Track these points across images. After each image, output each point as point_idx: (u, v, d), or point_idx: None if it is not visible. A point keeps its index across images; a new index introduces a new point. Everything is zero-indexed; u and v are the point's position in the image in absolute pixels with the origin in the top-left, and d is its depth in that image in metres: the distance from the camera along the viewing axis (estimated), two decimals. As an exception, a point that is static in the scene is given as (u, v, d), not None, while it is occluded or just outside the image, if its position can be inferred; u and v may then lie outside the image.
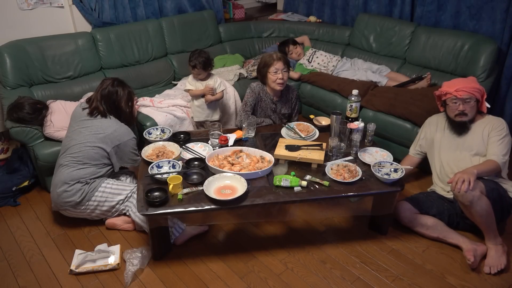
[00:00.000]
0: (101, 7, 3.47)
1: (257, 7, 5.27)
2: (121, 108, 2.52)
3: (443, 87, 2.47)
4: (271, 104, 2.84)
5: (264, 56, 2.78)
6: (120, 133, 2.46)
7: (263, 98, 2.81)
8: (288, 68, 2.75)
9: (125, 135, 2.48)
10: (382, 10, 3.85)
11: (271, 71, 2.69)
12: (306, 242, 2.46)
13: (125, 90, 2.54)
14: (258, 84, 2.82)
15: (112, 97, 2.49)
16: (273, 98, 2.83)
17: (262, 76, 2.78)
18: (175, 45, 3.82)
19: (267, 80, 2.75)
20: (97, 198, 2.39)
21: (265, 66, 2.72)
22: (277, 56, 2.70)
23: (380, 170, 2.31)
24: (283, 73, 2.69)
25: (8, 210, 2.76)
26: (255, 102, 2.80)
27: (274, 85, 2.72)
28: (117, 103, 2.50)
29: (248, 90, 2.82)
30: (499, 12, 3.12)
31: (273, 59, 2.68)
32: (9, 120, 2.72)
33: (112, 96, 2.48)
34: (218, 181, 2.20)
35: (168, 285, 2.18)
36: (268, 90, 2.81)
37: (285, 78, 2.72)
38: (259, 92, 2.79)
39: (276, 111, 2.88)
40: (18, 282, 2.20)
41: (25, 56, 3.05)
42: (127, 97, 2.54)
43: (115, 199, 2.42)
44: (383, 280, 2.19)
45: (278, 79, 2.69)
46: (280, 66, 2.68)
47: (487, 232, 2.27)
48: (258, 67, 2.79)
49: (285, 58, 2.73)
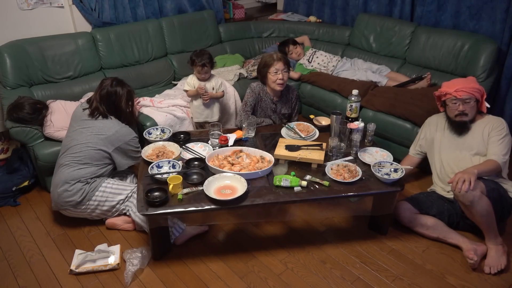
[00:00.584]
0: (101, 7, 3.47)
1: (257, 7, 5.27)
2: (121, 108, 2.52)
3: (443, 87, 2.47)
4: (271, 104, 2.84)
5: (264, 56, 2.78)
6: (122, 134, 2.46)
7: (263, 98, 2.81)
8: (288, 68, 2.75)
9: (126, 135, 2.48)
10: (382, 10, 3.85)
11: (271, 71, 2.69)
12: (306, 242, 2.45)
13: (124, 90, 2.54)
14: (258, 84, 2.82)
15: (111, 98, 2.49)
16: (273, 98, 2.83)
17: (262, 76, 2.79)
18: (175, 45, 3.82)
19: (267, 81, 2.75)
20: (97, 198, 2.39)
21: (265, 66, 2.72)
22: (277, 57, 2.70)
23: (380, 170, 2.31)
24: (283, 73, 2.69)
25: (8, 210, 2.76)
26: (255, 102, 2.80)
27: (274, 86, 2.72)
28: (116, 103, 2.50)
29: (248, 90, 2.82)
30: (499, 12, 3.12)
31: (273, 59, 2.69)
32: (9, 120, 2.72)
33: (111, 96, 2.48)
34: (218, 181, 2.20)
35: (168, 285, 2.18)
36: (268, 90, 2.81)
37: (285, 78, 2.73)
38: (259, 92, 2.79)
39: (276, 111, 2.88)
40: (18, 282, 2.20)
41: (25, 56, 3.05)
42: (127, 97, 2.54)
43: (115, 199, 2.42)
44: (383, 280, 2.19)
45: (278, 80, 2.69)
46: (281, 66, 2.68)
47: (487, 232, 2.26)
48: (258, 67, 2.80)
49: (285, 59, 2.73)
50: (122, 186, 2.46)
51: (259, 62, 2.81)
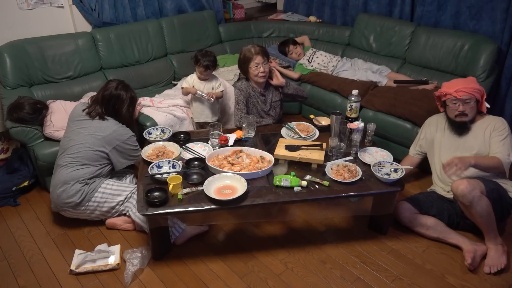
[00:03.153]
0: (101, 7, 3.47)
1: (257, 7, 5.27)
2: (120, 112, 2.51)
3: (443, 88, 2.46)
4: (260, 97, 2.85)
5: (243, 50, 2.78)
6: (119, 133, 2.45)
7: (251, 93, 2.82)
8: (268, 59, 2.76)
9: (124, 135, 2.47)
10: (382, 10, 3.85)
11: (252, 66, 2.71)
12: (306, 242, 2.45)
13: (128, 95, 2.52)
14: (242, 82, 2.84)
15: (112, 101, 2.48)
16: (260, 90, 2.84)
17: (244, 71, 2.81)
18: (175, 45, 3.82)
19: (249, 75, 2.77)
20: (96, 199, 2.39)
21: (245, 61, 2.73)
22: (255, 50, 2.70)
23: (380, 170, 2.31)
24: (263, 66, 2.71)
25: (8, 210, 2.76)
26: (246, 99, 2.81)
27: (257, 79, 2.75)
28: (117, 106, 2.49)
29: (235, 90, 2.84)
30: (499, 12, 3.12)
31: (252, 53, 2.70)
32: (9, 120, 2.72)
33: (112, 99, 2.47)
34: (218, 181, 2.20)
35: (168, 285, 2.18)
36: (253, 84, 2.83)
37: (266, 70, 2.74)
38: (246, 88, 2.80)
39: (267, 102, 2.89)
40: (18, 282, 2.20)
41: (25, 56, 3.05)
42: (129, 103, 2.53)
43: (115, 200, 2.42)
44: (383, 280, 2.19)
45: (260, 73, 2.71)
46: (260, 60, 2.69)
47: (487, 232, 2.26)
48: (239, 63, 2.81)
49: (263, 51, 2.73)
50: (122, 187, 2.46)
51: (239, 57, 2.81)
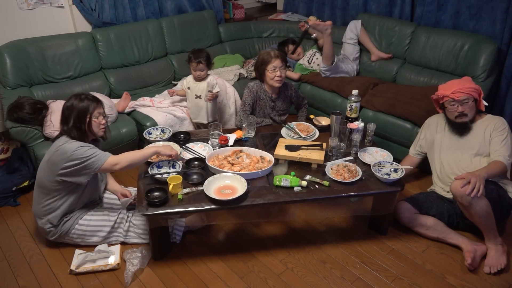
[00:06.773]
0: (101, 7, 3.48)
1: (257, 7, 5.27)
2: (68, 123, 2.12)
3: (439, 90, 2.45)
4: (270, 102, 2.85)
5: (261, 53, 2.79)
6: (63, 150, 2.06)
7: (262, 96, 2.81)
8: (286, 65, 2.77)
9: (68, 151, 2.05)
10: (382, 10, 3.85)
11: (269, 68, 2.70)
12: (306, 242, 2.45)
13: (77, 103, 2.11)
14: (256, 83, 2.83)
15: (65, 114, 2.14)
16: (272, 95, 2.84)
17: (260, 73, 2.80)
18: (175, 45, 3.82)
19: (265, 78, 2.76)
20: (74, 236, 2.29)
21: (263, 63, 2.73)
22: (274, 54, 2.71)
23: (380, 170, 2.31)
24: (281, 70, 2.71)
25: (8, 210, 2.76)
26: (254, 101, 2.80)
27: (272, 82, 2.74)
28: (66, 116, 2.13)
29: (246, 89, 2.82)
30: (499, 12, 3.12)
31: (271, 56, 2.70)
32: (9, 120, 2.72)
33: (64, 113, 2.14)
34: (218, 181, 2.20)
35: (168, 285, 2.18)
36: (266, 87, 2.82)
37: (283, 75, 2.74)
38: (257, 91, 2.80)
39: (275, 109, 2.89)
40: (18, 282, 2.20)
41: (25, 56, 3.05)
42: (77, 113, 2.11)
43: (98, 234, 2.30)
44: (383, 280, 2.19)
45: (276, 77, 2.70)
46: (278, 63, 2.69)
47: (486, 232, 2.26)
48: (256, 65, 2.81)
49: (282, 56, 2.75)
50: (101, 222, 2.29)
51: (257, 59, 2.82)
